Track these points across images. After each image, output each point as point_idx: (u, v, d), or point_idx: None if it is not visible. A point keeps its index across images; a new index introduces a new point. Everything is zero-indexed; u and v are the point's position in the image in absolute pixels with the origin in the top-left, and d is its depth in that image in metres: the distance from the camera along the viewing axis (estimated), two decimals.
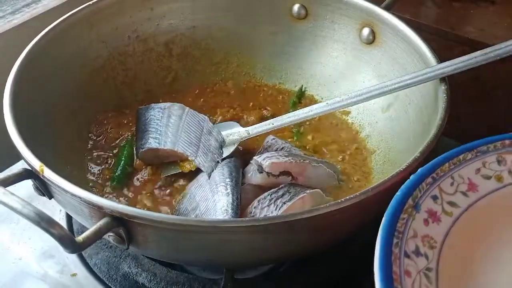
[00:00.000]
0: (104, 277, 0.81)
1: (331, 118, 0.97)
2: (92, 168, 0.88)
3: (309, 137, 0.94)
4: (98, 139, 0.92)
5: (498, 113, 1.00)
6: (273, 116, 0.95)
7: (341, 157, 0.90)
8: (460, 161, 0.65)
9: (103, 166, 0.88)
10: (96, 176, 0.87)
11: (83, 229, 0.83)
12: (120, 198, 0.84)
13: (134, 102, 0.98)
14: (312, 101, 1.00)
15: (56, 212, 0.87)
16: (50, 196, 0.71)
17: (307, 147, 0.92)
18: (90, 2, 0.94)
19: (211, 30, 1.02)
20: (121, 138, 0.93)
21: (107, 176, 0.87)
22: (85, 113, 0.92)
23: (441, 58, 0.81)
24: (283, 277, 0.80)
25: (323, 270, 0.79)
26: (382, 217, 0.70)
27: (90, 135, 0.92)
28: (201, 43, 1.03)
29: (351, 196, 0.64)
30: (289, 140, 0.92)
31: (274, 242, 0.66)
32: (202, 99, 1.01)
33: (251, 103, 1.01)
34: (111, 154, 0.90)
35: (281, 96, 1.02)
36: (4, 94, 0.77)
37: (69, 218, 0.87)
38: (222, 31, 1.02)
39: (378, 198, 0.65)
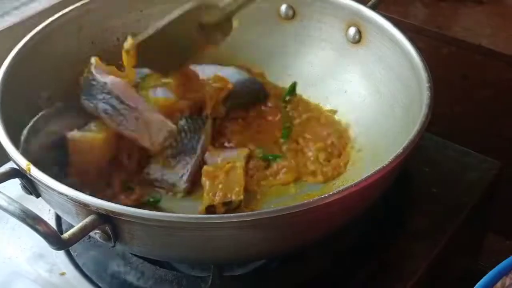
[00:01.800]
0: (92, 276, 0.81)
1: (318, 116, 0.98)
2: None
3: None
4: None
5: (484, 113, 1.01)
6: None
7: (325, 154, 0.91)
8: None
9: None
10: None
11: (71, 228, 0.83)
12: None
13: None
14: (301, 100, 1.00)
15: (45, 212, 0.87)
16: (38, 195, 0.72)
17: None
18: (79, 4, 0.94)
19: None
20: None
21: None
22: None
23: (428, 58, 0.82)
24: (273, 274, 0.80)
25: (310, 266, 0.80)
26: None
27: None
28: None
29: (335, 191, 0.65)
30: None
31: (262, 237, 0.66)
32: None
33: None
34: None
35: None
36: None
37: (58, 218, 0.87)
38: None
39: (362, 193, 0.65)
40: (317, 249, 0.79)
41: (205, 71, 0.96)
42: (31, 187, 0.71)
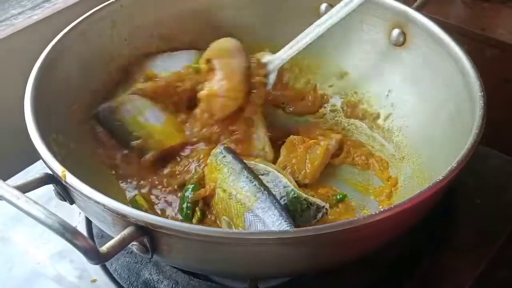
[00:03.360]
0: (124, 283, 0.78)
1: None
2: None
3: None
4: None
5: None
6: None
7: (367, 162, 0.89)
8: None
9: None
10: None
11: (102, 232, 0.82)
12: None
13: None
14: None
15: (75, 214, 0.85)
16: (72, 202, 0.69)
17: None
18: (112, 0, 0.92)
19: (235, 30, 0.99)
20: None
21: None
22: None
23: (474, 61, 0.78)
24: (308, 286, 0.77)
25: (348, 280, 0.77)
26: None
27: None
28: None
29: (386, 208, 0.61)
30: None
31: (303, 254, 0.63)
32: None
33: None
34: None
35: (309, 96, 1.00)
36: (25, 93, 0.75)
37: (88, 221, 0.85)
38: (246, 30, 1.00)
39: (415, 210, 0.62)
40: (356, 263, 0.76)
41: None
42: (66, 194, 0.68)
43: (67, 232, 0.56)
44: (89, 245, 0.57)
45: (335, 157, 0.90)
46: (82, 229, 0.84)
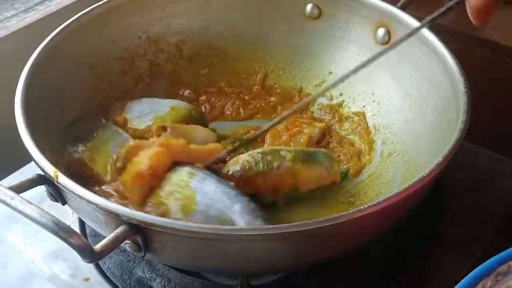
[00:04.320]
0: (117, 281, 0.79)
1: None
2: None
3: None
4: None
5: None
6: None
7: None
8: None
9: None
10: None
11: (96, 232, 0.82)
12: None
13: None
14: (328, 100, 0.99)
15: (69, 214, 0.86)
16: (64, 202, 0.70)
17: None
18: (101, 2, 0.92)
19: (223, 31, 1.01)
20: None
21: None
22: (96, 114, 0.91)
23: (461, 61, 0.80)
24: (300, 283, 0.78)
25: (340, 276, 0.78)
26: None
27: None
28: (213, 44, 1.01)
29: (374, 202, 0.63)
30: None
31: (294, 249, 0.64)
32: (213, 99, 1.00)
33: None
34: None
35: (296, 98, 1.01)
36: (16, 95, 0.76)
37: (81, 221, 0.86)
38: (234, 31, 1.01)
39: (402, 204, 0.64)
40: (347, 260, 0.77)
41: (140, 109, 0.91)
42: (58, 195, 0.69)
43: (61, 230, 0.57)
44: (83, 243, 0.57)
45: (318, 145, 0.91)
46: (76, 229, 0.84)
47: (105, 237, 0.61)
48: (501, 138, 0.95)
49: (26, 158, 0.71)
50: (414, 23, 0.87)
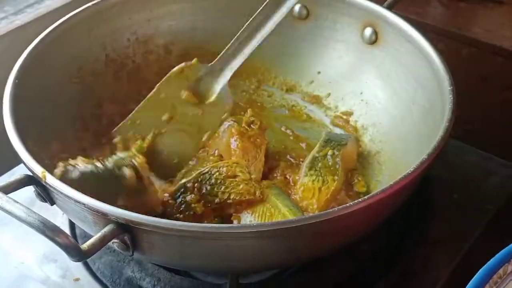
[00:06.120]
0: (107, 281, 0.80)
1: None
2: None
3: None
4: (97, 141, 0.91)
5: (505, 116, 0.99)
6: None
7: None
8: None
9: None
10: None
11: (85, 233, 0.82)
12: None
13: (135, 105, 0.96)
14: (315, 100, 1.00)
15: (58, 216, 0.86)
16: (52, 203, 0.70)
17: None
18: (90, 4, 0.92)
19: (211, 32, 1.01)
20: None
21: None
22: (85, 116, 0.91)
23: (447, 60, 0.80)
24: (289, 281, 0.79)
25: (330, 274, 0.78)
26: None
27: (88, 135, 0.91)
28: (201, 45, 1.01)
29: (360, 199, 0.63)
30: None
31: (282, 246, 0.65)
32: None
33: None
34: None
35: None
36: (4, 97, 0.76)
37: (71, 222, 0.86)
38: (222, 32, 1.00)
39: (388, 201, 0.64)
40: (336, 257, 0.78)
41: None
42: (46, 195, 0.69)
43: (48, 229, 0.57)
44: (70, 242, 0.58)
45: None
46: (65, 230, 0.84)
47: None
48: (489, 136, 0.95)
49: (15, 161, 0.71)
50: (399, 21, 0.88)
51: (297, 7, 0.98)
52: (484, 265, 0.65)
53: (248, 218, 0.75)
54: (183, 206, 0.76)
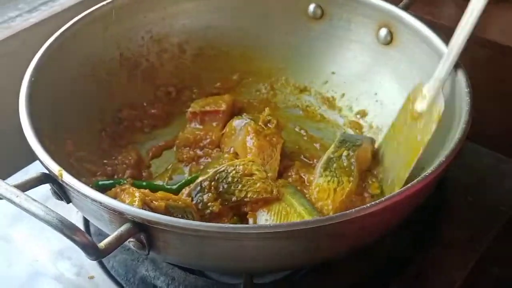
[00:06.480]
0: (121, 280, 0.80)
1: None
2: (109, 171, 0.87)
3: None
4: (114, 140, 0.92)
5: None
6: None
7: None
8: None
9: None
10: None
11: (100, 231, 0.82)
12: None
13: (150, 103, 0.98)
14: (329, 101, 0.99)
15: (73, 213, 0.86)
16: (68, 201, 0.70)
17: None
18: (104, 2, 0.93)
19: (225, 30, 1.01)
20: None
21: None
22: (100, 114, 0.92)
23: (465, 61, 0.80)
24: (303, 281, 0.79)
25: (343, 275, 0.78)
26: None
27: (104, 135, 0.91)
28: (216, 44, 1.02)
29: (377, 201, 0.63)
30: None
31: (298, 247, 0.65)
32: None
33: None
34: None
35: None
36: (20, 96, 0.77)
37: (86, 220, 0.86)
38: (237, 31, 1.01)
39: (404, 203, 0.64)
40: (350, 258, 0.77)
41: None
42: (62, 193, 0.69)
43: (65, 228, 0.57)
44: (87, 240, 0.58)
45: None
46: (80, 227, 0.84)
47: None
48: (506, 139, 0.95)
49: (30, 158, 0.71)
50: (415, 22, 0.88)
51: (311, 7, 0.98)
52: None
53: (264, 217, 0.75)
54: (200, 205, 0.76)
